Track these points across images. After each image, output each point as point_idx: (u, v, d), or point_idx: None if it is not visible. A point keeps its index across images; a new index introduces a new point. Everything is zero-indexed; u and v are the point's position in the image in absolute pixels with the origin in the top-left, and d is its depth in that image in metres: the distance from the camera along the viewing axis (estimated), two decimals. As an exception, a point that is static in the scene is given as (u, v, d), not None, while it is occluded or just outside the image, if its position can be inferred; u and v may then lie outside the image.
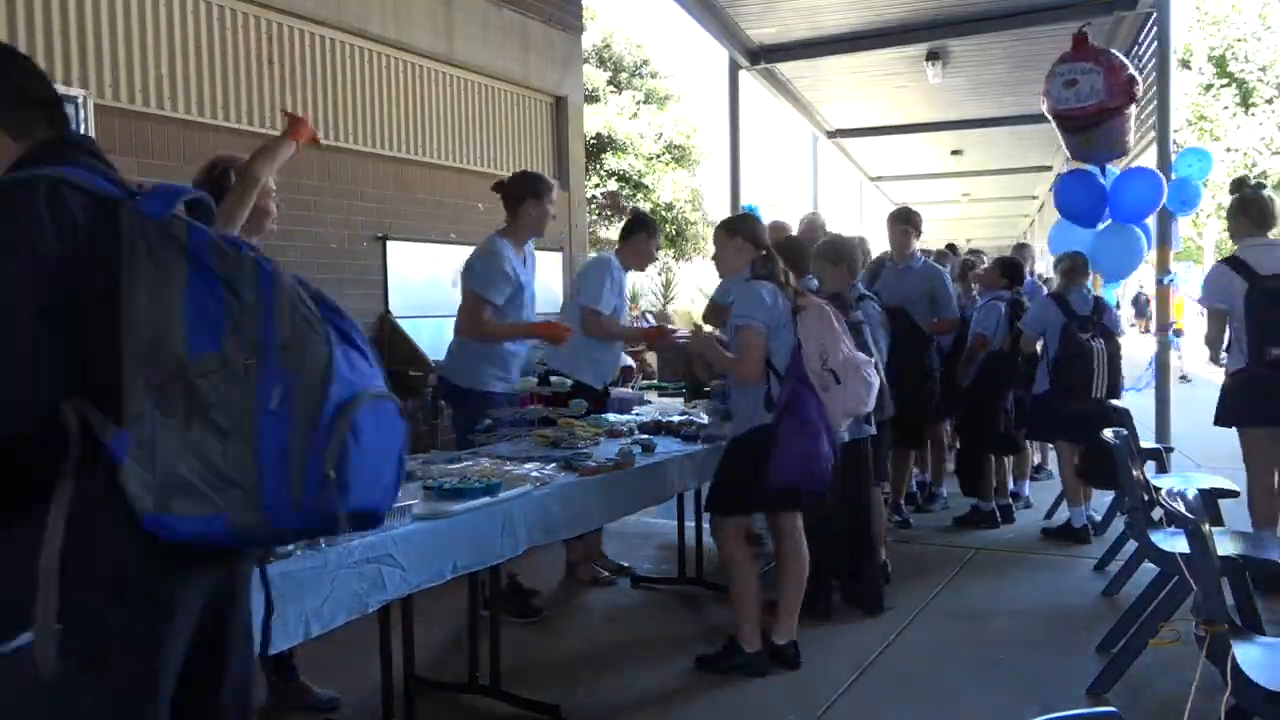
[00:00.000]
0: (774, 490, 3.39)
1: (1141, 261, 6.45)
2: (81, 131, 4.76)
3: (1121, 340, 5.53)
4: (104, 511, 1.30)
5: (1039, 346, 5.52)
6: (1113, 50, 6.12)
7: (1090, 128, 5.67)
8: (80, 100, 4.54)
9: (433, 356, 5.80)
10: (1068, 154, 6.43)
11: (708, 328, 4.96)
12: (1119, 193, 6.12)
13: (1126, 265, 6.44)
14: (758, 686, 3.44)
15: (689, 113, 22.01)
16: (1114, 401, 5.18)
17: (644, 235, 4.60)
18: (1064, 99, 5.66)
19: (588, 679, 3.55)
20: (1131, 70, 5.83)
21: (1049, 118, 6.05)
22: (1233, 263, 4.36)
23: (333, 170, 5.96)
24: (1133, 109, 5.87)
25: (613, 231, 21.18)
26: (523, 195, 4.06)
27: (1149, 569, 3.76)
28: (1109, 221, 6.24)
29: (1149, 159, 6.94)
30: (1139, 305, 24.07)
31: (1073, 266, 5.48)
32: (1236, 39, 22.87)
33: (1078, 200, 6.23)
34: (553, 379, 4.17)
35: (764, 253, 3.60)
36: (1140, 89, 5.87)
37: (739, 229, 3.67)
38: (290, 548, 2.14)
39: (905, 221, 5.86)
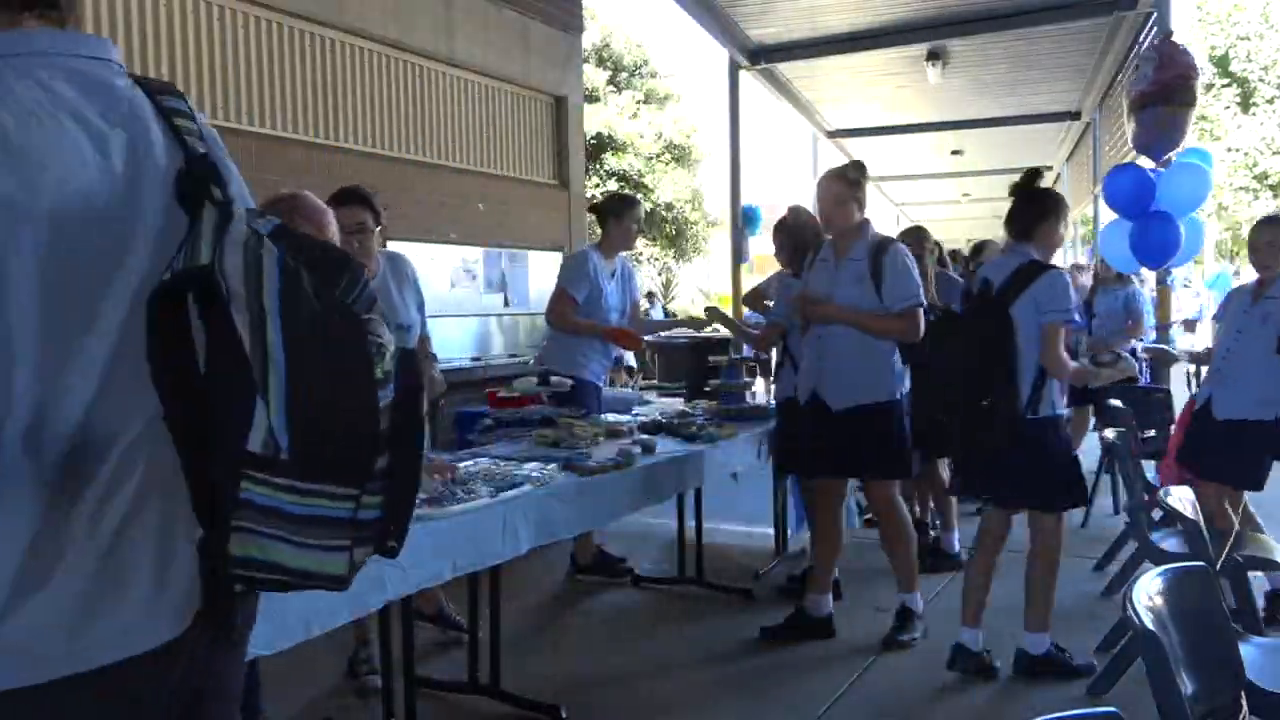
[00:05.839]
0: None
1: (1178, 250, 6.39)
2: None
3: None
4: None
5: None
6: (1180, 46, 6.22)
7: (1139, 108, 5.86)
8: (80, 100, 4.54)
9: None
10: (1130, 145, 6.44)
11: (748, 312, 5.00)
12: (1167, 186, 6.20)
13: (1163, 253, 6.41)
14: (756, 687, 3.44)
15: (689, 113, 22.01)
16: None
17: (613, 220, 4.51)
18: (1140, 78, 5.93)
19: (587, 679, 3.55)
20: (1182, 70, 5.89)
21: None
22: None
23: (333, 170, 5.95)
24: (1164, 109, 5.95)
25: (612, 231, 21.19)
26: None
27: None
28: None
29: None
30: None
31: None
32: (1240, 37, 22.85)
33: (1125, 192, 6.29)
34: (553, 379, 4.18)
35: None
36: (1192, 93, 5.91)
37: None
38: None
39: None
